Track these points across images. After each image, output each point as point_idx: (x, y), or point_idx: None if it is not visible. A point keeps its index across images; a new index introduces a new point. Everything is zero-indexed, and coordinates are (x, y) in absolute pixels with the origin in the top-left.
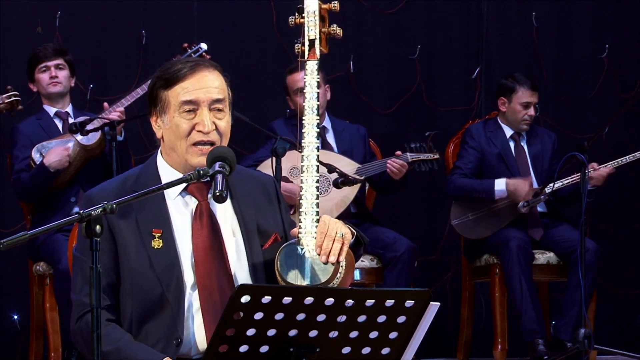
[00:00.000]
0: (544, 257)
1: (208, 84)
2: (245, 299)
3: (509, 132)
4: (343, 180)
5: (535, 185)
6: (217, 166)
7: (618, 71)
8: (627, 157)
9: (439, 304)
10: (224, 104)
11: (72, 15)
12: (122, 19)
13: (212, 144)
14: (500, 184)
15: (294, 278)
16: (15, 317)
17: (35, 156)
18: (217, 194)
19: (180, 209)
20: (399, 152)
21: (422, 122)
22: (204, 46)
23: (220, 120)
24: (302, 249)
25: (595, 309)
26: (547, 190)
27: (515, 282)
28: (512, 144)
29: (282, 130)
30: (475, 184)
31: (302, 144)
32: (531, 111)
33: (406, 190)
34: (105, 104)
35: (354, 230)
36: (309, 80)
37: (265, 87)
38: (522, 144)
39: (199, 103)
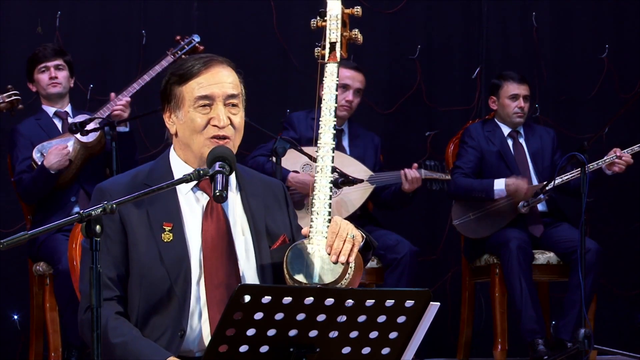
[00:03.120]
0: (544, 257)
1: (223, 79)
2: (245, 299)
3: (506, 130)
4: (343, 180)
5: (535, 182)
6: (217, 166)
7: (618, 71)
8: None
9: (439, 304)
10: (238, 100)
11: (72, 15)
12: (122, 19)
13: (226, 138)
14: (499, 184)
15: (303, 277)
16: (15, 317)
17: (36, 156)
18: (217, 194)
19: (192, 204)
20: (415, 165)
21: (422, 122)
22: (196, 38)
23: (235, 115)
24: (312, 248)
25: (595, 309)
26: (548, 188)
27: (515, 282)
28: (510, 142)
29: (302, 123)
30: (475, 184)
31: (318, 144)
32: (521, 103)
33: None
34: (112, 94)
35: (364, 234)
36: (328, 82)
37: (265, 87)
38: (520, 141)
39: (214, 98)
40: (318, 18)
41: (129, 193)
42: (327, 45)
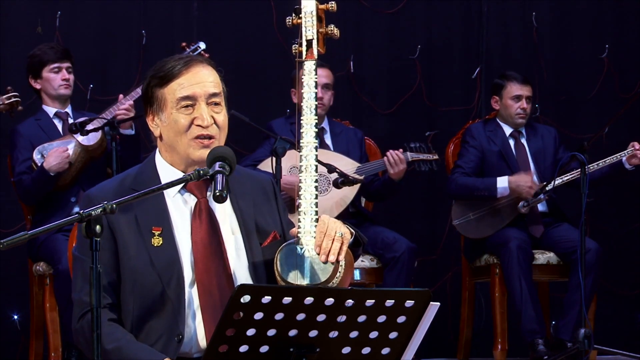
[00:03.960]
0: (544, 257)
1: (204, 79)
2: (245, 299)
3: (508, 130)
4: (343, 180)
5: (537, 182)
6: (217, 166)
7: (618, 71)
8: None
9: (439, 304)
10: (221, 98)
11: (72, 15)
12: (122, 19)
13: (211, 137)
14: (502, 182)
15: (294, 278)
16: (15, 317)
17: (37, 157)
18: (217, 194)
19: (179, 207)
20: (400, 150)
21: (422, 122)
22: (202, 45)
23: (218, 114)
24: (301, 249)
25: (595, 309)
26: (549, 188)
27: (515, 282)
28: (512, 142)
29: (282, 129)
30: (478, 182)
31: (301, 144)
32: (523, 104)
33: (406, 190)
34: (121, 95)
35: (352, 230)
36: (307, 80)
37: (265, 87)
38: (522, 141)
39: (196, 98)
40: (293, 15)
41: (116, 199)
42: (304, 43)
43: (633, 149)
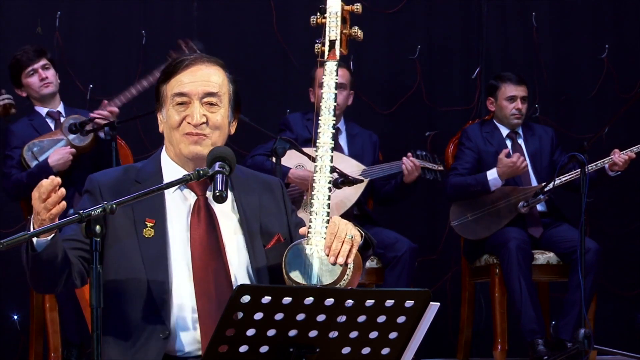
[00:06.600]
0: (544, 257)
1: (202, 77)
2: (245, 299)
3: (505, 131)
4: (343, 180)
5: (534, 182)
6: (217, 166)
7: (618, 71)
8: None
9: (438, 304)
10: (218, 99)
11: (72, 15)
12: (122, 19)
13: (203, 136)
14: (492, 174)
15: (301, 277)
16: (15, 317)
17: (27, 155)
18: (217, 194)
19: (178, 203)
20: (410, 154)
21: (422, 122)
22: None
23: (214, 114)
24: (310, 249)
25: (595, 309)
26: (548, 188)
27: (515, 282)
28: (509, 143)
29: (298, 124)
30: (470, 179)
31: (317, 144)
32: (518, 104)
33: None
34: (105, 101)
35: (363, 233)
36: (327, 80)
37: (265, 87)
38: (519, 142)
39: (190, 95)
40: (318, 14)
41: (117, 186)
42: (327, 43)
43: (611, 157)
